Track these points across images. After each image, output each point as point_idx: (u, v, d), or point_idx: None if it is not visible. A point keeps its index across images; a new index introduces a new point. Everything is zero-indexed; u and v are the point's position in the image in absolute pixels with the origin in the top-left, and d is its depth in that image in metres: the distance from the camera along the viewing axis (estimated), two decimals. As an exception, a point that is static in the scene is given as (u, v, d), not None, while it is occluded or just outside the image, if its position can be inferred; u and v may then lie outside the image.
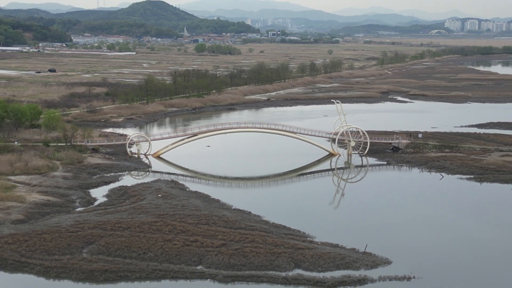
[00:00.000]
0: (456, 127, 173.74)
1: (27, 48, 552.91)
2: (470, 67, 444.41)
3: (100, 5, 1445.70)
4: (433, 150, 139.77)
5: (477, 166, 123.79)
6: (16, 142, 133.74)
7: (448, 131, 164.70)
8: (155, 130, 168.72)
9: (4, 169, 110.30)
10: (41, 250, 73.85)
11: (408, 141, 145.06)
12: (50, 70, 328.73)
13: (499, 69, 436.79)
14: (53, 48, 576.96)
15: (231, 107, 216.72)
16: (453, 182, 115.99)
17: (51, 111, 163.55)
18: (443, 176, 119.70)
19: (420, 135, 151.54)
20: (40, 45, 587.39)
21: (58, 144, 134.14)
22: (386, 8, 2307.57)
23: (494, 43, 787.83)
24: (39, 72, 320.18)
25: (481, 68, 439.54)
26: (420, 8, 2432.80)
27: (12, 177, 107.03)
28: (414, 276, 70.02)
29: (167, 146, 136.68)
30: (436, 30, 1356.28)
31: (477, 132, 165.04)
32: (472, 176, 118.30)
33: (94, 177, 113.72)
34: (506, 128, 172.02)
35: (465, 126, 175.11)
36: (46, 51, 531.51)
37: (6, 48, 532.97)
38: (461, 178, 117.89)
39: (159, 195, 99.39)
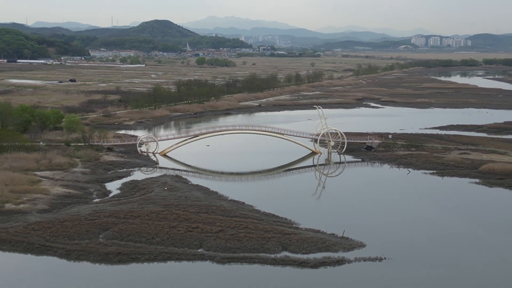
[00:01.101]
0: (421, 129, 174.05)
1: (51, 61, 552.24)
2: (433, 77, 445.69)
3: (114, 23, 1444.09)
4: (401, 149, 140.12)
5: (439, 163, 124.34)
6: (41, 142, 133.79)
7: (414, 133, 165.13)
8: (162, 132, 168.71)
9: (31, 165, 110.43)
10: (63, 236, 74.01)
11: (379, 141, 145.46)
12: (71, 80, 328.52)
13: (458, 79, 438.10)
14: (74, 61, 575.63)
15: (227, 112, 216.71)
16: (419, 176, 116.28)
17: (72, 115, 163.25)
18: (410, 171, 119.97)
19: (390, 136, 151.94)
20: (62, 58, 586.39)
21: (78, 144, 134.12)
22: (361, 27, 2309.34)
23: (453, 56, 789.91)
24: (61, 82, 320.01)
25: (442, 78, 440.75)
26: (390, 27, 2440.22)
27: (38, 173, 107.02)
28: (385, 257, 70.19)
29: (172, 146, 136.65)
30: (404, 45, 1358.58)
31: (439, 133, 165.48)
32: (435, 171, 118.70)
33: (109, 172, 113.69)
34: (464, 130, 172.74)
35: (429, 128, 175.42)
36: (67, 64, 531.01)
37: (33, 61, 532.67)
38: (425, 173, 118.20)
39: (165, 188, 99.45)
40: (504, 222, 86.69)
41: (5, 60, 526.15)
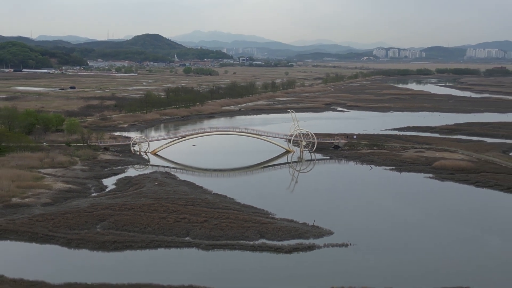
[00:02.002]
0: (381, 130, 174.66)
1: (53, 70, 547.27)
2: (392, 85, 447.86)
3: (109, 37, 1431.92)
4: (365, 148, 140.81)
5: (398, 160, 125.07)
6: (44, 143, 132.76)
7: (375, 133, 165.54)
8: (153, 133, 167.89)
9: (35, 163, 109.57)
10: (64, 226, 73.54)
11: (345, 141, 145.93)
12: (71, 87, 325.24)
13: (414, 86, 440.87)
14: (73, 70, 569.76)
15: (211, 116, 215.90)
16: (380, 172, 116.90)
17: (72, 119, 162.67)
18: (372, 167, 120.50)
19: (354, 137, 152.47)
20: (63, 68, 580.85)
21: (77, 144, 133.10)
22: (329, 40, 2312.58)
23: (410, 66, 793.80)
24: (62, 89, 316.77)
25: (400, 85, 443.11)
26: (354, 40, 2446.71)
27: (42, 170, 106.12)
28: (350, 243, 70.60)
29: (162, 146, 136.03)
30: (366, 57, 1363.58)
31: (398, 134, 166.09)
32: (394, 167, 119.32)
33: (106, 169, 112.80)
34: (419, 131, 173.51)
35: (389, 130, 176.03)
36: (67, 73, 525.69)
37: (37, 70, 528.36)
38: (385, 169, 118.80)
39: (156, 183, 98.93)
40: (454, 212, 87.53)
41: (12, 70, 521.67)
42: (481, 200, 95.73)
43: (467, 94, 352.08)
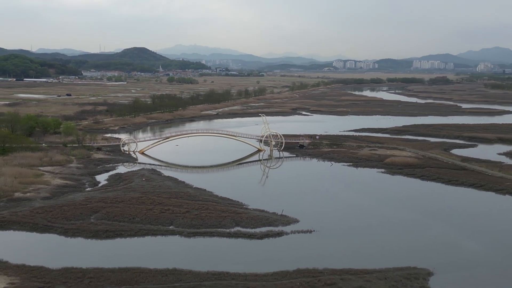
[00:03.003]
0: (340, 131, 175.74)
1: (51, 79, 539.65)
2: (349, 92, 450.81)
3: (101, 50, 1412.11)
4: (326, 147, 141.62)
5: (354, 157, 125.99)
6: (43, 144, 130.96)
7: (335, 134, 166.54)
8: (140, 135, 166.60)
9: (36, 162, 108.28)
10: (61, 218, 72.93)
11: (309, 141, 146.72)
12: (67, 95, 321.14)
13: (367, 93, 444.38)
14: (69, 80, 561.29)
15: (192, 119, 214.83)
16: (339, 167, 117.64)
17: (68, 122, 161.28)
18: (332, 164, 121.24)
19: (317, 137, 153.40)
20: (60, 77, 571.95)
21: (73, 145, 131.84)
22: (294, 53, 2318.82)
23: (364, 76, 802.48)
24: (60, 96, 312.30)
25: (356, 92, 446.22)
26: (316, 53, 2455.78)
27: (41, 168, 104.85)
28: (314, 230, 71.01)
29: (149, 146, 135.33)
30: (327, 67, 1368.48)
31: (354, 134, 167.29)
32: (351, 163, 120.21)
33: (98, 167, 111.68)
34: (372, 132, 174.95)
35: (346, 131, 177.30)
36: (64, 82, 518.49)
37: (36, 80, 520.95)
38: (344, 165, 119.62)
39: (143, 179, 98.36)
40: (403, 201, 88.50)
41: (14, 79, 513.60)
42: (426, 191, 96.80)
43: (413, 100, 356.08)
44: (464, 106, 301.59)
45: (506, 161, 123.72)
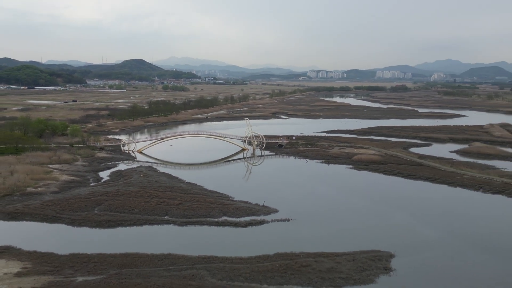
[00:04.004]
0: (314, 132, 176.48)
1: (59, 87, 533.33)
2: (322, 98, 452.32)
3: (104, 61, 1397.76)
4: (301, 146, 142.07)
5: (326, 155, 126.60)
6: (52, 144, 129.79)
7: (309, 135, 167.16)
8: (138, 136, 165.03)
9: (45, 160, 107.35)
10: (69, 209, 72.31)
11: (287, 141, 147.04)
12: (73, 101, 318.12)
13: (337, 99, 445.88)
14: (75, 88, 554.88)
15: (184, 122, 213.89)
16: (313, 164, 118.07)
17: (74, 125, 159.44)
18: (307, 161, 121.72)
19: (294, 137, 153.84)
20: (67, 85, 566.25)
21: (79, 145, 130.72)
22: (274, 64, 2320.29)
23: (335, 84, 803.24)
24: (67, 102, 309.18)
25: (327, 99, 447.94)
26: (293, 64, 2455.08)
27: (50, 166, 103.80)
28: (291, 219, 71.27)
29: (146, 146, 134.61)
30: (302, 77, 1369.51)
31: (326, 135, 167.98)
32: (323, 160, 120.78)
33: (101, 164, 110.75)
34: (342, 133, 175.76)
35: (319, 132, 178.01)
36: (70, 89, 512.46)
37: (46, 88, 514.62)
38: (317, 162, 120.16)
39: (141, 175, 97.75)
40: (368, 193, 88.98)
41: (26, 87, 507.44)
42: (388, 184, 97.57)
43: (377, 105, 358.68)
44: (421, 110, 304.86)
45: (457, 158, 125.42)
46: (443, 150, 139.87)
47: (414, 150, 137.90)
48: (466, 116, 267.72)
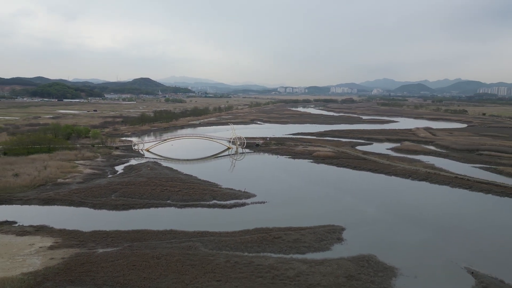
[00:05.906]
0: (283, 134, 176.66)
1: (82, 100, 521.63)
2: (289, 108, 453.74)
3: (118, 79, 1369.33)
4: (274, 145, 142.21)
5: (292, 152, 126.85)
6: (77, 145, 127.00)
7: (280, 136, 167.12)
8: (146, 138, 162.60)
9: (72, 157, 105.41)
10: (91, 196, 71.03)
11: (263, 141, 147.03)
12: (94, 110, 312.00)
13: (301, 109, 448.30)
14: (95, 100, 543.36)
15: (182, 127, 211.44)
16: (283, 159, 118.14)
17: (95, 130, 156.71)
18: (278, 157, 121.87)
19: (268, 138, 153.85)
20: (89, 98, 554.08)
21: (99, 145, 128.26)
22: (252, 82, 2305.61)
23: (299, 97, 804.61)
24: (89, 111, 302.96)
25: (293, 109, 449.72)
26: (267, 82, 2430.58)
27: (76, 161, 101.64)
28: (266, 201, 71.28)
29: (152, 145, 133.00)
30: (274, 92, 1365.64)
31: (292, 137, 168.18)
32: (290, 156, 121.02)
33: (117, 160, 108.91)
34: (304, 135, 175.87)
35: (287, 134, 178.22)
36: (92, 102, 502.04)
37: (72, 100, 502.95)
38: (286, 157, 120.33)
39: (149, 169, 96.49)
40: (324, 181, 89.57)
41: (56, 100, 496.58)
42: (339, 174, 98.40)
43: (331, 113, 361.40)
44: (364, 117, 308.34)
45: (392, 154, 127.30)
46: (381, 147, 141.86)
47: (359, 147, 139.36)
48: (399, 121, 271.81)
